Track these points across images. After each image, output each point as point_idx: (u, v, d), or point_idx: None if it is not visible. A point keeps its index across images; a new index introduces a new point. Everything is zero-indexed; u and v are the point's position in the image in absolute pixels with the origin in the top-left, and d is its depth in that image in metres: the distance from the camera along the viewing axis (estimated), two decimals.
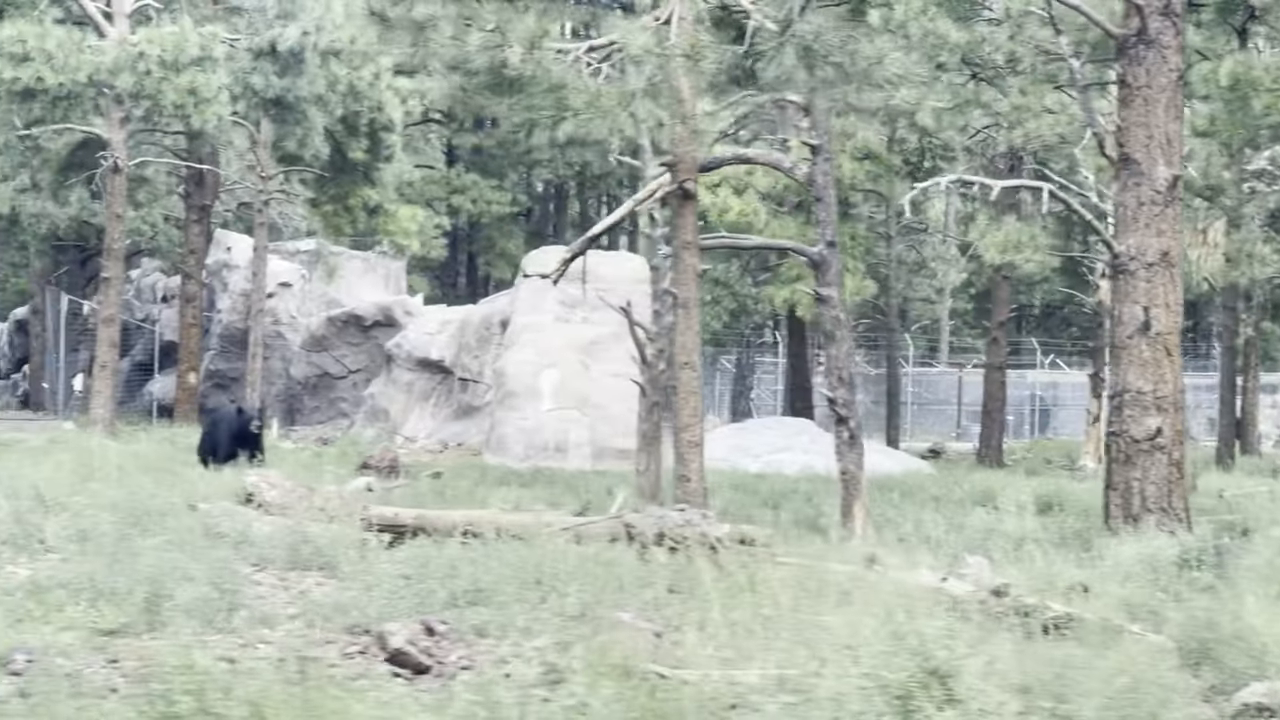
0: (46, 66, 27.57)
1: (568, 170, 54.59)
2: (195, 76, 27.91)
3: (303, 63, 29.74)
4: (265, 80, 29.57)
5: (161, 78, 27.78)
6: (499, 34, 11.28)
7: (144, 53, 27.72)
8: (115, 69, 27.72)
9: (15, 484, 13.66)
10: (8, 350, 48.52)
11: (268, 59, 29.66)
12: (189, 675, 6.27)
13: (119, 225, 30.43)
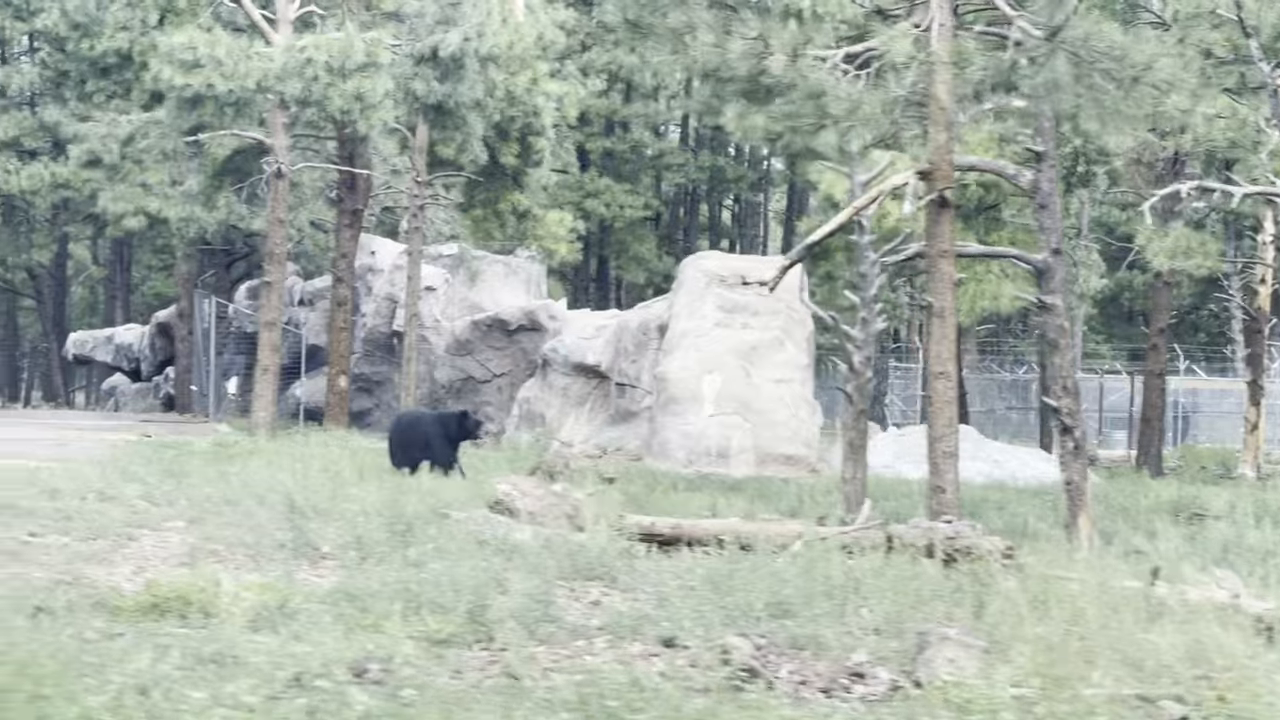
0: (216, 73, 27.87)
1: (700, 174, 54.65)
2: (361, 82, 28.10)
3: (463, 68, 29.86)
4: (427, 86, 29.69)
5: (328, 83, 27.99)
6: (761, 41, 11.24)
7: (311, 59, 27.92)
8: (284, 75, 27.95)
9: (248, 489, 13.74)
10: (149, 353, 49.02)
11: (428, 64, 29.79)
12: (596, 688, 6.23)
13: (281, 230, 30.73)
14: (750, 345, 29.21)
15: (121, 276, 60.18)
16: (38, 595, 8.75)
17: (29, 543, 10.60)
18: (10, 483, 13.19)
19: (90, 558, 10.20)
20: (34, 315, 68.70)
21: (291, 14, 30.22)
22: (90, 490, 13.20)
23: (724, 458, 27.93)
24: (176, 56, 27.89)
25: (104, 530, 11.29)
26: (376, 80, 28.26)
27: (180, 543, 11.18)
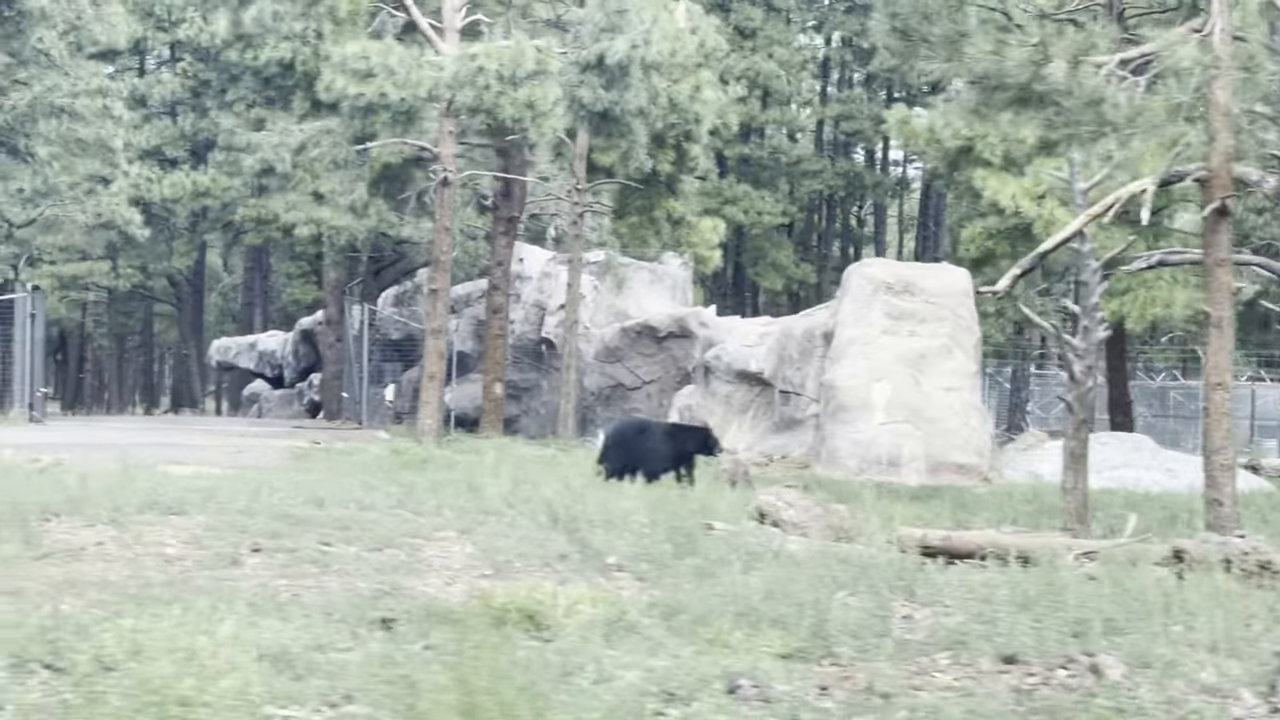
0: (389, 82, 28.02)
1: (837, 180, 54.45)
2: (532, 90, 28.17)
3: (628, 75, 29.87)
4: (593, 93, 29.71)
5: (499, 92, 28.06)
6: (1041, 48, 11.10)
7: (483, 67, 28.00)
8: (456, 84, 28.06)
9: (504, 499, 13.74)
10: (292, 360, 49.51)
11: (594, 72, 29.81)
12: None
13: (447, 238, 30.88)
14: (918, 353, 29.01)
15: (260, 284, 60.81)
16: (369, 606, 8.78)
17: (326, 552, 10.64)
18: (259, 491, 13.26)
19: (394, 568, 10.22)
20: (167, 322, 69.61)
21: (458, 23, 30.35)
22: (349, 499, 13.26)
23: (895, 466, 27.76)
24: (349, 66, 28.06)
25: (387, 540, 11.32)
26: (547, 88, 28.31)
27: (463, 553, 11.19)
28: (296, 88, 34.73)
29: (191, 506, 12.11)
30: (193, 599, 8.41)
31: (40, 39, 36.61)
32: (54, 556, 10.04)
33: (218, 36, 49.83)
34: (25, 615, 7.89)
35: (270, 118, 51.33)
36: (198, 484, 13.85)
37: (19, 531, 10.30)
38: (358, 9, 31.36)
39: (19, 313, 34.97)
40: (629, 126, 30.46)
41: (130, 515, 11.59)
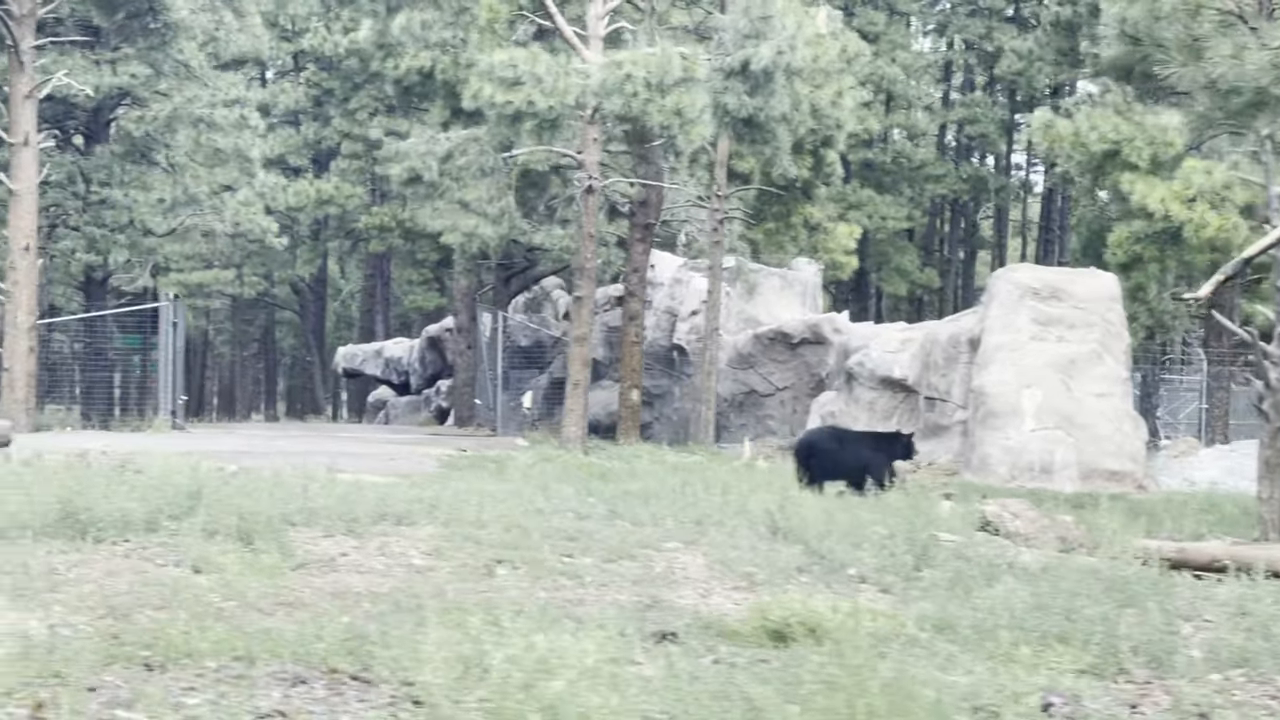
0: (536, 90, 28.08)
1: (961, 185, 54.07)
2: (680, 97, 28.14)
3: (772, 82, 29.77)
4: (738, 100, 29.63)
5: (647, 99, 28.04)
6: None
7: (631, 75, 27.99)
8: (604, 91, 28.07)
9: (721, 508, 13.68)
10: (418, 367, 49.81)
11: (738, 78, 29.73)
12: None
13: (591, 245, 30.91)
14: (1068, 359, 28.71)
15: (382, 291, 61.24)
16: (641, 620, 8.74)
17: (569, 563, 10.63)
18: (481, 501, 13.29)
19: (646, 580, 10.20)
20: (284, 329, 70.26)
21: (601, 30, 30.38)
22: (565, 510, 13.26)
23: (1047, 473, 27.50)
24: (497, 73, 28.14)
25: (620, 551, 11.30)
26: (694, 95, 28.27)
27: (698, 564, 11.15)
28: (436, 96, 34.88)
29: (419, 517, 12.14)
30: (472, 610, 8.41)
31: (180, 50, 37.03)
32: (309, 567, 10.09)
33: (341, 46, 50.58)
34: (318, 627, 7.92)
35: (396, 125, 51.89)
36: (400, 493, 13.88)
37: (273, 542, 10.36)
38: (496, 16, 31.48)
39: (163, 321, 35.37)
40: (773, 133, 30.36)
41: (365, 526, 11.64)
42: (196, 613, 8.43)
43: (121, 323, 40.60)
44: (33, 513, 10.58)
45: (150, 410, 37.00)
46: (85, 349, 39.68)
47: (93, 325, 39.52)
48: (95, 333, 39.62)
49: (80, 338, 40.10)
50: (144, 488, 11.57)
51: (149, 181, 38.28)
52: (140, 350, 41.03)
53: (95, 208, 37.83)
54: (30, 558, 9.65)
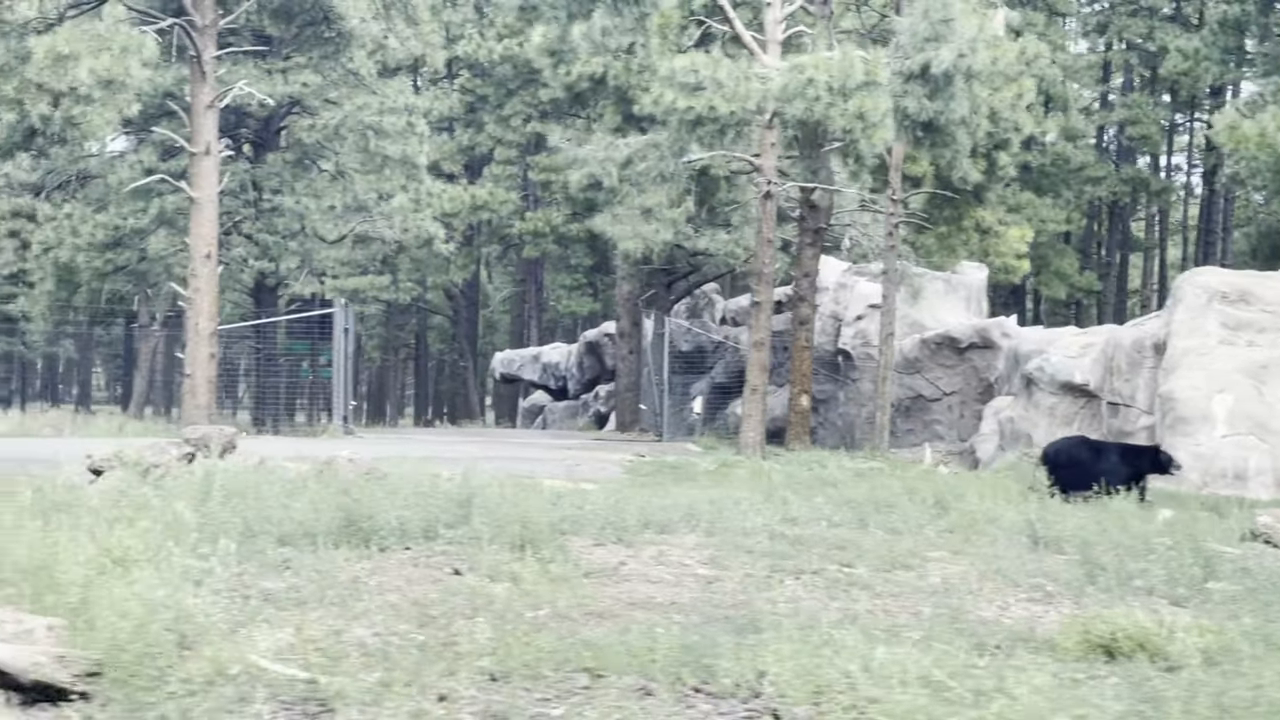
0: (718, 95, 28.02)
1: (1122, 187, 53.34)
2: (863, 101, 27.95)
3: (952, 85, 29.50)
4: (918, 104, 29.39)
5: (829, 103, 27.88)
6: None
7: (813, 79, 27.85)
8: (785, 96, 27.95)
9: (962, 517, 13.51)
10: (575, 372, 49.98)
11: (917, 82, 29.49)
12: None
13: (770, 250, 30.81)
14: (1259, 363, 28.16)
15: (535, 296, 61.55)
16: (954, 632, 8.62)
17: (849, 573, 10.54)
18: (736, 509, 13.23)
19: (922, 590, 10.08)
20: (433, 334, 70.78)
21: (779, 35, 30.29)
22: (815, 519, 13.17)
23: (1241, 480, 26.97)
24: (678, 79, 28.13)
25: (892, 561, 11.20)
26: (877, 99, 28.07)
27: (970, 573, 11.01)
28: (607, 101, 34.96)
29: (679, 526, 12.11)
30: (783, 621, 8.33)
31: (350, 58, 37.43)
32: (596, 575, 10.08)
33: (496, 52, 50.85)
34: (651, 639, 7.88)
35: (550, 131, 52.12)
36: (635, 500, 13.84)
37: (553, 551, 10.37)
38: (669, 22, 31.50)
39: (336, 326, 35.74)
40: (952, 136, 30.09)
41: (633, 534, 11.62)
42: (511, 622, 8.43)
43: (290, 328, 41.15)
44: (318, 521, 10.67)
45: (320, 415, 37.46)
46: (256, 355, 40.22)
47: (262, 331, 40.06)
48: (265, 338, 40.17)
49: (251, 343, 40.66)
50: (417, 496, 11.62)
51: (319, 188, 38.73)
52: (309, 355, 41.52)
53: (267, 215, 38.35)
54: (329, 566, 9.72)
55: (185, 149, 33.62)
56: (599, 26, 28.72)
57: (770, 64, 29.34)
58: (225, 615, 8.32)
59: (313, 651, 7.60)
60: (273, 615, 8.51)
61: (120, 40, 29.81)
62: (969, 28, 29.42)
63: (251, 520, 10.63)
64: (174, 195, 37.75)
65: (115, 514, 10.87)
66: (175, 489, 12.38)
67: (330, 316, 36.65)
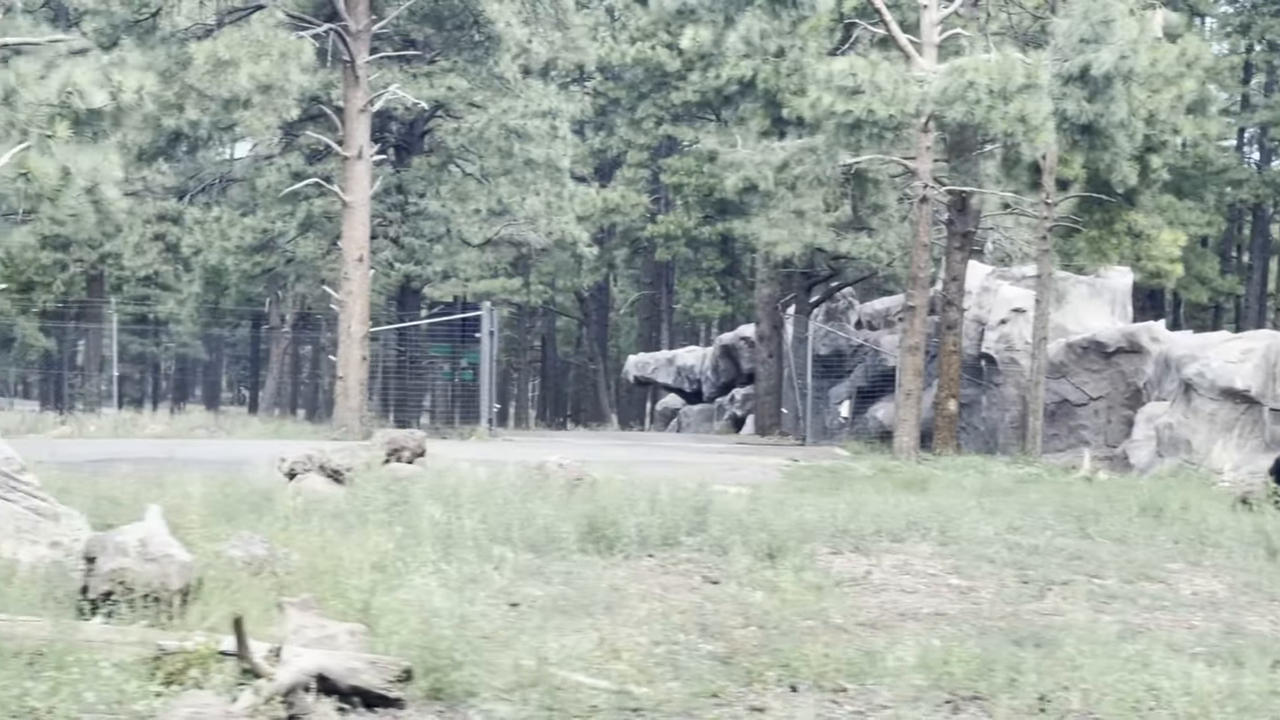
0: (877, 99, 27.86)
1: (1265, 189, 52.52)
2: (1024, 104, 27.67)
3: (1112, 87, 29.15)
4: (1077, 106, 29.06)
5: (990, 106, 27.64)
6: None
7: (973, 82, 27.62)
8: (946, 99, 27.73)
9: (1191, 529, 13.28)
10: (710, 375, 49.88)
11: (1076, 84, 29.16)
12: None
13: (925, 254, 30.63)
14: None
15: (665, 299, 61.58)
16: (1239, 648, 8.46)
17: (1103, 586, 10.38)
18: (963, 517, 13.10)
19: (1176, 604, 9.91)
20: (560, 336, 70.98)
21: (936, 38, 30.07)
22: (1038, 528, 13.01)
23: None
24: (836, 82, 28.00)
25: (1134, 572, 11.03)
26: (1038, 101, 27.78)
27: (1215, 585, 10.83)
28: (756, 104, 34.87)
29: (909, 534, 12.01)
30: (1073, 638, 8.21)
31: (496, 62, 37.59)
32: (848, 585, 10.00)
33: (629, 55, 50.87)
34: (945, 651, 7.79)
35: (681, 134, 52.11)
36: (868, 509, 13.74)
37: (803, 560, 10.30)
38: (818, 25, 31.38)
39: (483, 329, 35.90)
40: (1111, 139, 29.75)
41: (868, 542, 11.53)
42: (786, 632, 8.37)
43: (432, 331, 41.40)
44: (561, 527, 10.67)
45: (462, 417, 37.65)
46: (398, 358, 40.50)
47: (405, 334, 40.33)
48: (408, 341, 40.44)
49: (394, 346, 40.95)
50: (657, 504, 11.60)
51: (463, 192, 38.94)
52: (449, 358, 41.77)
53: (412, 219, 38.60)
54: (586, 573, 9.71)
55: (336, 152, 33.92)
56: (756, 29, 28.66)
57: (927, 67, 29.15)
58: (504, 622, 8.32)
59: (611, 659, 7.59)
60: (554, 623, 8.50)
61: (279, 45, 30.12)
62: (1128, 29, 29.07)
63: (494, 526, 10.65)
64: (320, 199, 38.12)
65: (354, 519, 10.94)
66: (407, 493, 12.44)
67: (472, 319, 36.83)
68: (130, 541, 8.15)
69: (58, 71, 19.10)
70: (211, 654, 6.85)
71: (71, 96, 18.67)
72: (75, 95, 18.69)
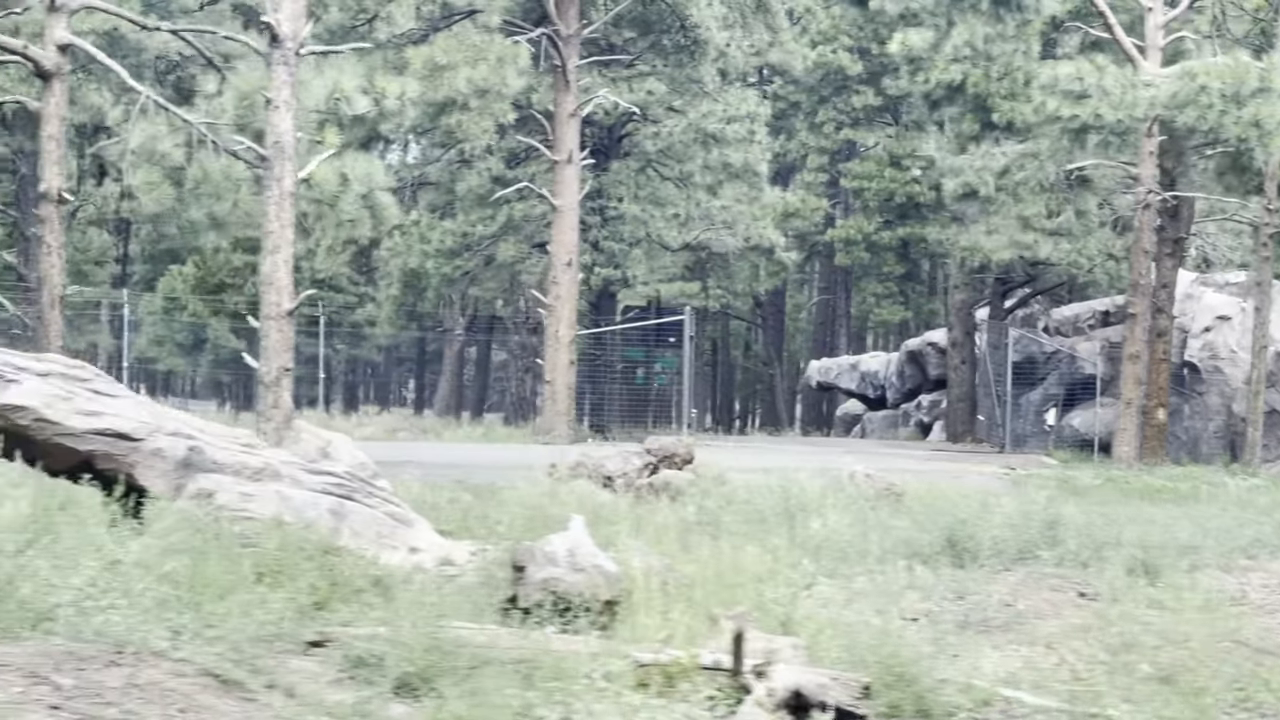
0: (1105, 103, 27.47)
1: None
2: (1259, 108, 27.15)
3: None
4: None
5: (1222, 111, 27.15)
6: None
7: (1205, 86, 27.14)
8: (1176, 104, 27.29)
9: None
10: (895, 381, 49.52)
11: None
12: None
13: (1146, 261, 30.28)
14: None
15: (844, 304, 61.28)
16: None
17: None
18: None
19: None
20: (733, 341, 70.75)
21: (1160, 41, 29.60)
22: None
23: None
24: (1061, 87, 27.65)
25: None
26: (1273, 106, 27.23)
27: None
28: (965, 108, 34.49)
29: (1258, 551, 11.75)
30: None
31: (696, 66, 37.58)
32: (1233, 605, 9.78)
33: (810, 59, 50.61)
34: None
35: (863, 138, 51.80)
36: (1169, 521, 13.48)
37: (1184, 576, 10.09)
38: (1029, 31, 31.02)
39: (685, 333, 35.91)
40: None
41: (1229, 559, 11.29)
42: (1211, 654, 8.18)
43: (625, 336, 41.47)
44: (920, 539, 10.58)
45: (654, 422, 37.69)
46: (594, 362, 40.60)
47: (601, 339, 40.43)
48: (603, 346, 40.53)
49: (590, 351, 41.07)
50: (1011, 516, 11.47)
51: (662, 197, 38.98)
52: (645, 362, 41.83)
53: (612, 223, 38.70)
54: (968, 588, 9.59)
55: (540, 156, 34.10)
56: (980, 34, 28.39)
57: (1152, 71, 28.69)
58: (920, 638, 8.22)
59: (1050, 679, 7.47)
60: (960, 639, 8.39)
61: (496, 50, 30.32)
62: None
63: (850, 538, 10.57)
64: (520, 203, 38.34)
65: (702, 530, 10.91)
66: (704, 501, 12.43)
67: (672, 324, 36.87)
68: (559, 551, 8.17)
69: (321, 78, 19.35)
70: (694, 667, 6.83)
71: (339, 103, 18.91)
72: (342, 102, 18.93)
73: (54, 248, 19.50)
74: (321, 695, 6.40)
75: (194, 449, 10.51)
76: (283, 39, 18.49)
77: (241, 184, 19.19)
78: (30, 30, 22.43)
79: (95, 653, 6.43)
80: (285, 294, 18.51)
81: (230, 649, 6.58)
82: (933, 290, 62.60)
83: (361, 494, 10.85)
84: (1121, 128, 27.72)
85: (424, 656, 6.73)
